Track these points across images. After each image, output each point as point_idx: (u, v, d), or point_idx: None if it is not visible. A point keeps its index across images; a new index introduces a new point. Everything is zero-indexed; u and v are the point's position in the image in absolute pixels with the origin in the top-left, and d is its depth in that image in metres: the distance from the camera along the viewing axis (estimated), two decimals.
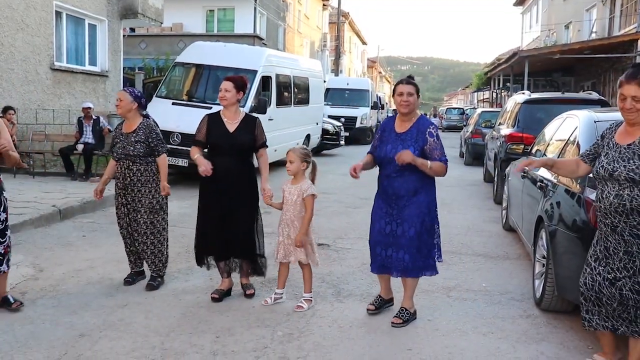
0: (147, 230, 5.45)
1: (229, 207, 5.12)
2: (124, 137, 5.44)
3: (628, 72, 3.70)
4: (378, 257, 4.83)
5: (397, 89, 4.70)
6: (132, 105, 5.43)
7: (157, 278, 5.52)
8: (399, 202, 4.72)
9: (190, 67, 13.33)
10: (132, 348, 4.17)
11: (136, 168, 5.40)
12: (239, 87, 5.20)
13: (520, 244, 7.35)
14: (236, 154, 5.15)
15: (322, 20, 44.07)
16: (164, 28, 24.05)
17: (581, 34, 27.60)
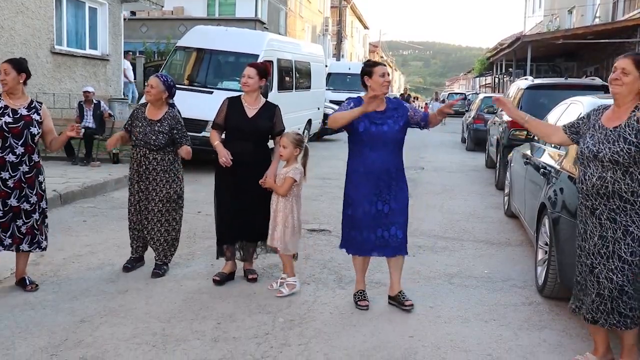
0: (161, 219, 5.38)
1: (245, 191, 5.12)
2: (147, 122, 5.32)
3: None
4: (367, 242, 4.70)
5: (378, 70, 4.59)
6: (163, 94, 5.35)
7: (162, 266, 5.48)
8: (388, 178, 4.63)
9: (192, 52, 13.24)
10: (132, 334, 4.16)
11: (152, 157, 5.32)
12: (262, 74, 5.20)
13: (522, 230, 7.33)
14: (253, 139, 5.16)
15: (324, 4, 43.80)
16: (165, 12, 23.94)
17: (584, 18, 27.40)
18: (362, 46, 64.33)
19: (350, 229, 4.75)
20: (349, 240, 4.79)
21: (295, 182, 5.03)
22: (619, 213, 3.58)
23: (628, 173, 3.56)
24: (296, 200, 5.12)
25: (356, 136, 4.63)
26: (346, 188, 4.77)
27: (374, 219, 4.64)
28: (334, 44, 42.83)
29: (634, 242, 3.55)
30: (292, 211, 5.06)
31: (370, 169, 4.60)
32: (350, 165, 4.74)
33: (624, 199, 3.57)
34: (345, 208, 4.80)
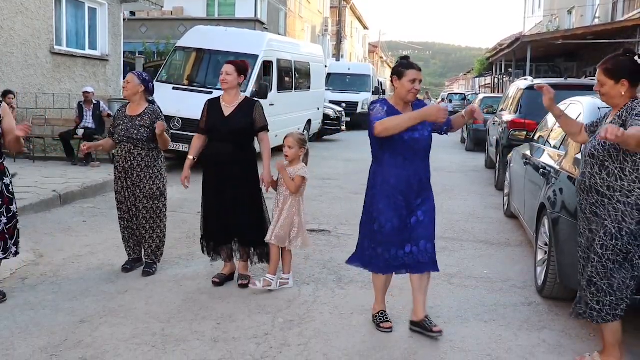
0: (146, 216, 5.41)
1: (228, 193, 5.08)
2: (127, 119, 5.36)
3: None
4: (395, 259, 4.21)
5: (410, 74, 4.10)
6: (139, 87, 5.37)
7: (152, 265, 5.49)
8: (418, 189, 4.20)
9: (191, 52, 13.24)
10: (132, 334, 4.16)
11: (137, 152, 5.34)
12: (241, 71, 5.13)
13: (522, 230, 7.33)
14: (231, 138, 5.06)
15: (324, 4, 43.79)
16: (164, 12, 23.93)
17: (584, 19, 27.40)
18: (362, 46, 64.32)
19: (376, 245, 4.23)
20: (374, 257, 4.28)
21: (306, 180, 5.06)
22: (599, 207, 3.67)
23: (604, 167, 3.64)
24: (301, 199, 5.14)
25: (387, 144, 4.11)
26: (373, 200, 4.25)
27: (402, 234, 4.18)
28: (333, 44, 42.81)
29: (606, 235, 3.62)
30: (299, 210, 5.08)
31: (402, 179, 4.14)
32: (378, 175, 4.21)
33: (600, 193, 3.65)
34: (368, 222, 4.32)
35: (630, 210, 3.55)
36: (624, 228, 3.56)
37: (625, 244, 3.57)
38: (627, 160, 3.56)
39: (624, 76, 3.66)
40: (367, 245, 4.35)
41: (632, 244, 3.57)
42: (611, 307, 3.65)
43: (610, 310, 3.66)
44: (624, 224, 3.56)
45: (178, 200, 8.41)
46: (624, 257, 3.59)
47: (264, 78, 12.98)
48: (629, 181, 3.56)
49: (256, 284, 5.05)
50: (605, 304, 3.65)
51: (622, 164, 3.58)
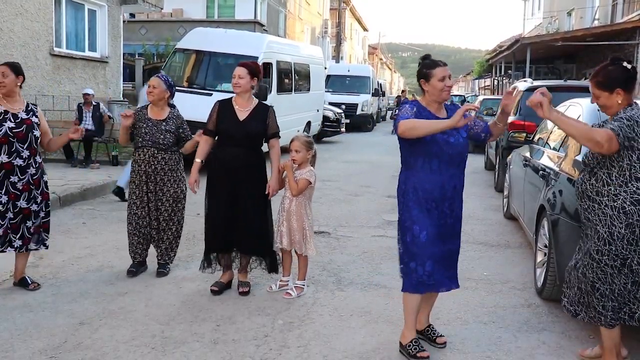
0: (170, 218, 5.42)
1: (238, 199, 4.96)
2: (152, 123, 5.33)
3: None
4: (431, 276, 3.87)
5: (438, 72, 3.83)
6: (165, 93, 5.36)
7: (166, 265, 5.53)
8: (454, 197, 3.93)
9: (191, 54, 13.25)
10: (132, 336, 4.16)
11: (161, 156, 5.33)
12: (253, 73, 5.01)
13: (521, 232, 7.33)
14: (246, 143, 4.96)
15: (323, 6, 43.83)
16: (164, 13, 23.94)
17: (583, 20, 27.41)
18: (362, 48, 64.36)
19: (409, 259, 3.89)
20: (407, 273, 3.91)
21: (310, 184, 5.03)
22: (590, 212, 3.73)
23: (593, 174, 3.73)
24: (309, 203, 5.12)
25: (420, 147, 3.82)
26: (404, 209, 3.92)
27: (437, 245, 3.88)
28: (333, 46, 42.83)
29: (599, 240, 3.66)
30: (307, 213, 5.06)
31: (437, 185, 3.85)
32: (410, 180, 3.89)
33: (590, 198, 3.72)
34: (402, 235, 3.95)
35: (618, 214, 3.59)
36: (614, 232, 3.59)
37: (620, 249, 3.59)
38: (614, 166, 3.62)
39: (617, 85, 3.67)
40: (400, 260, 3.97)
41: (626, 248, 3.58)
42: (614, 311, 3.68)
43: (614, 314, 3.69)
44: (614, 228, 3.59)
45: None
46: (622, 262, 3.61)
47: (264, 80, 12.97)
48: (615, 186, 3.61)
49: (291, 294, 5.01)
50: (609, 309, 3.68)
51: (609, 169, 3.64)
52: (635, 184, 3.57)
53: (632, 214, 3.55)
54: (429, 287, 3.93)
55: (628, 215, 3.56)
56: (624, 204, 3.57)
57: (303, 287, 5.12)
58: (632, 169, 3.57)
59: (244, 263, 5.18)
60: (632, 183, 3.57)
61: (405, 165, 3.96)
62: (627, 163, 3.58)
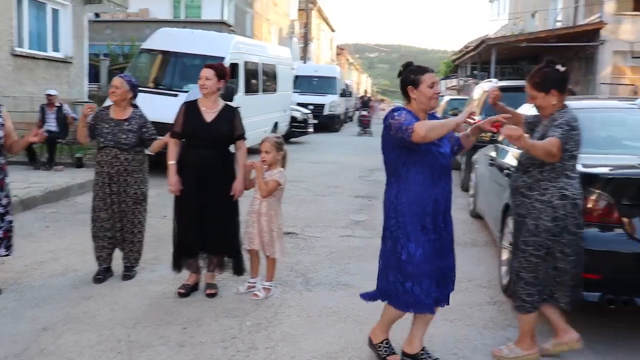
0: (134, 220, 5.35)
1: (207, 200, 4.92)
2: (114, 123, 5.26)
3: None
4: (428, 295, 3.67)
5: (427, 79, 3.65)
6: (128, 94, 5.30)
7: (132, 268, 5.46)
8: (447, 209, 3.77)
9: (157, 54, 13.11)
10: (97, 341, 4.09)
11: (124, 157, 5.25)
12: (220, 75, 4.99)
13: (487, 231, 7.41)
14: (213, 145, 4.94)
15: (290, 6, 43.75)
16: (129, 14, 23.63)
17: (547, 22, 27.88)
18: (329, 49, 64.43)
19: (404, 279, 3.66)
20: (401, 293, 3.70)
21: (280, 185, 5.01)
22: (521, 207, 3.92)
23: (527, 172, 3.91)
24: (279, 204, 5.11)
25: (414, 158, 3.62)
26: (398, 224, 3.67)
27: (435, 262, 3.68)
28: (300, 46, 42.78)
29: (526, 232, 3.87)
30: (276, 215, 5.04)
31: (432, 198, 3.65)
32: (403, 194, 3.66)
33: (523, 194, 3.91)
34: (392, 252, 3.71)
35: (545, 208, 3.78)
36: (540, 225, 3.79)
37: (544, 240, 3.80)
38: (547, 166, 3.78)
39: (552, 86, 3.86)
40: (392, 279, 3.73)
41: (551, 239, 3.81)
42: (540, 295, 3.91)
43: (539, 297, 3.92)
44: (540, 221, 3.79)
45: None
46: (546, 252, 3.83)
47: (231, 80, 12.91)
48: (545, 181, 3.80)
49: (259, 295, 5.00)
50: (534, 294, 3.90)
51: (541, 167, 3.81)
52: (564, 180, 3.77)
53: (559, 208, 3.76)
54: (427, 306, 3.71)
55: (555, 208, 3.77)
56: (552, 198, 3.77)
57: (271, 288, 5.11)
58: (563, 167, 3.77)
59: (212, 265, 5.13)
60: (561, 179, 3.77)
61: (396, 177, 3.71)
62: (559, 163, 3.75)
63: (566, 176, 3.78)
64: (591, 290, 4.13)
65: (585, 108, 5.90)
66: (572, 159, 3.79)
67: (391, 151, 3.69)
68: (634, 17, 21.45)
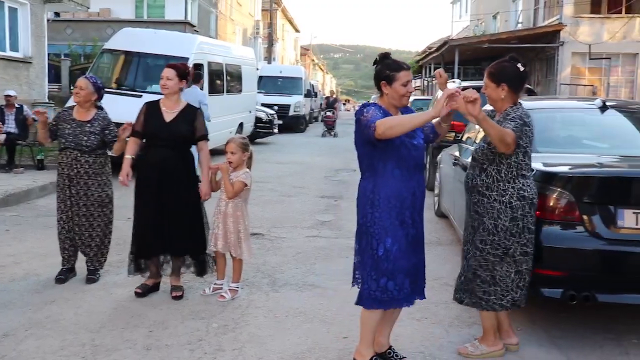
0: (94, 223, 5.25)
1: (168, 201, 4.88)
2: (76, 124, 5.17)
3: None
4: (401, 290, 3.63)
5: (402, 76, 3.62)
6: (92, 95, 5.22)
7: (96, 272, 5.37)
8: (422, 203, 3.75)
9: (119, 54, 12.96)
10: (60, 346, 4.02)
11: (84, 160, 5.16)
12: (182, 75, 4.97)
13: (452, 229, 7.50)
14: (173, 145, 4.90)
15: (255, 7, 43.63)
16: (90, 13, 23.29)
17: (508, 24, 28.33)
18: (294, 49, 64.43)
19: (379, 275, 3.59)
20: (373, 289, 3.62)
21: (246, 186, 5.00)
22: (479, 206, 3.95)
23: (483, 170, 3.94)
24: (245, 205, 5.09)
25: (390, 152, 3.58)
26: (374, 219, 3.60)
27: (411, 258, 3.68)
28: (265, 47, 42.70)
29: (484, 231, 3.92)
30: (243, 216, 5.02)
31: (409, 191, 3.62)
32: (380, 188, 3.60)
33: (480, 192, 3.94)
34: (368, 248, 3.64)
35: (504, 209, 3.84)
36: (499, 224, 3.85)
37: (502, 239, 3.86)
38: (503, 163, 3.83)
39: (503, 80, 3.90)
40: (366, 277, 3.66)
41: (509, 239, 3.86)
42: (497, 297, 3.94)
43: (497, 300, 3.94)
44: (499, 220, 3.85)
45: None
46: (504, 251, 3.88)
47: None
48: (504, 182, 3.85)
49: (225, 297, 4.96)
50: (491, 294, 3.94)
51: (498, 166, 3.85)
52: (521, 180, 3.84)
53: (517, 208, 3.83)
54: (398, 302, 3.69)
55: (514, 209, 3.83)
56: (511, 199, 3.84)
57: (237, 290, 5.08)
58: (518, 166, 3.84)
59: (175, 267, 5.08)
60: (518, 180, 3.84)
61: (371, 171, 3.64)
62: (514, 160, 3.82)
63: (523, 176, 3.85)
64: (553, 287, 4.21)
65: (546, 108, 6.03)
66: (526, 157, 3.85)
67: (363, 146, 3.65)
68: (591, 19, 21.98)
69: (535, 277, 4.14)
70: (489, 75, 3.97)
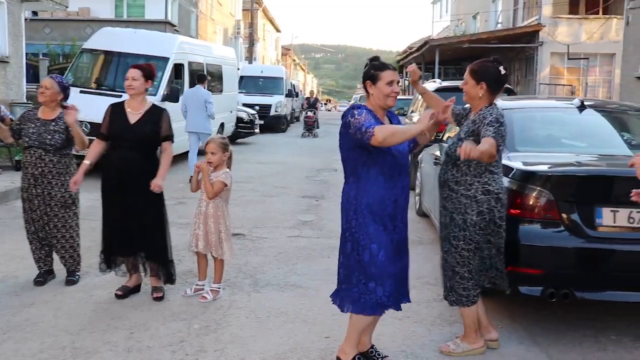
0: (58, 224, 5.17)
1: (132, 203, 4.83)
2: (40, 123, 5.11)
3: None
4: (390, 296, 3.66)
5: (386, 76, 3.61)
6: (58, 96, 5.17)
7: (75, 273, 5.30)
8: (405, 209, 3.73)
9: (99, 54, 12.87)
10: (39, 349, 3.98)
11: (49, 159, 5.10)
12: (148, 76, 4.93)
13: (433, 229, 7.53)
14: (138, 147, 4.85)
15: (236, 6, 43.48)
16: (69, 12, 23.06)
17: (488, 24, 28.54)
18: (275, 49, 64.33)
19: (367, 280, 3.60)
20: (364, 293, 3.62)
21: (226, 186, 4.98)
22: (448, 200, 4.02)
23: (455, 165, 3.99)
24: (226, 205, 5.07)
25: (375, 158, 3.55)
26: (358, 225, 3.60)
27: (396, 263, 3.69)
28: (246, 47, 42.60)
29: (455, 227, 3.97)
30: (223, 216, 5.00)
31: (392, 198, 3.62)
32: (363, 195, 3.59)
33: (450, 187, 4.01)
34: (353, 252, 3.63)
35: (470, 203, 3.90)
36: (467, 219, 3.92)
37: (473, 234, 3.92)
38: (474, 160, 3.85)
39: (484, 79, 3.98)
40: (355, 281, 3.64)
41: (479, 233, 3.92)
42: (474, 288, 4.02)
43: (474, 291, 4.02)
44: (467, 215, 3.91)
45: (86, 208, 8.10)
46: (476, 246, 3.95)
47: (175, 81, 12.78)
48: (471, 176, 3.93)
49: (207, 297, 4.93)
50: (470, 289, 4.01)
51: (469, 161, 3.90)
52: (488, 175, 3.90)
53: (483, 202, 3.89)
54: (387, 307, 3.71)
55: (479, 203, 3.89)
56: (476, 193, 3.89)
57: (219, 290, 5.07)
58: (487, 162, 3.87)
59: (152, 268, 5.03)
60: (485, 175, 3.90)
61: (355, 177, 3.63)
62: None
63: (490, 172, 3.90)
64: (533, 285, 4.25)
65: (526, 108, 6.09)
66: (497, 154, 3.86)
67: (350, 150, 3.61)
68: (570, 20, 22.23)
69: (515, 275, 4.18)
70: (471, 72, 4.03)
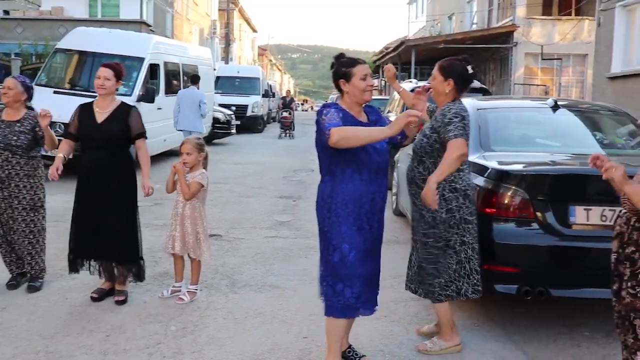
0: (26, 229, 5.07)
1: (102, 205, 4.77)
2: (5, 125, 5.01)
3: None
4: (359, 298, 3.59)
5: (358, 71, 3.56)
6: (22, 96, 5.08)
7: (38, 279, 5.19)
8: (382, 208, 3.71)
9: (73, 54, 12.72)
10: (12, 354, 3.92)
11: (16, 161, 5.00)
12: (118, 76, 4.89)
13: (410, 228, 7.56)
14: (107, 147, 4.77)
15: (212, 6, 43.28)
16: (42, 12, 22.79)
17: (463, 24, 28.77)
18: (251, 49, 64.15)
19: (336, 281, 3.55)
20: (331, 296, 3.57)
21: (203, 187, 4.95)
22: (417, 198, 4.03)
23: (421, 162, 4.06)
24: (203, 206, 5.04)
25: (349, 156, 3.49)
26: (331, 224, 3.55)
27: (368, 265, 3.62)
28: (222, 47, 42.42)
29: (425, 225, 4.01)
30: (201, 217, 4.98)
31: (368, 197, 3.56)
32: (338, 193, 3.53)
33: (418, 185, 4.05)
34: (325, 252, 3.60)
35: (439, 201, 3.89)
36: (437, 217, 3.95)
37: (442, 232, 3.96)
38: (440, 156, 3.92)
39: (451, 76, 4.03)
40: (324, 283, 3.61)
41: (449, 231, 3.96)
42: (441, 288, 4.03)
43: (442, 291, 4.03)
44: (437, 213, 3.94)
45: (62, 209, 8.00)
46: (445, 243, 3.98)
47: (151, 81, 12.68)
48: None
49: (184, 299, 4.89)
50: (435, 286, 4.03)
51: (435, 159, 3.95)
52: (454, 173, 3.91)
53: (451, 200, 3.93)
54: (356, 310, 3.64)
55: (447, 201, 3.93)
56: (444, 191, 3.92)
57: (196, 292, 5.04)
58: None
59: (119, 272, 4.97)
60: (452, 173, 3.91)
61: (330, 175, 3.58)
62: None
63: (458, 169, 3.91)
64: (508, 283, 4.29)
65: (500, 107, 6.15)
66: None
67: (323, 149, 3.55)
68: (543, 21, 22.51)
69: (490, 273, 4.23)
70: (440, 69, 4.08)
